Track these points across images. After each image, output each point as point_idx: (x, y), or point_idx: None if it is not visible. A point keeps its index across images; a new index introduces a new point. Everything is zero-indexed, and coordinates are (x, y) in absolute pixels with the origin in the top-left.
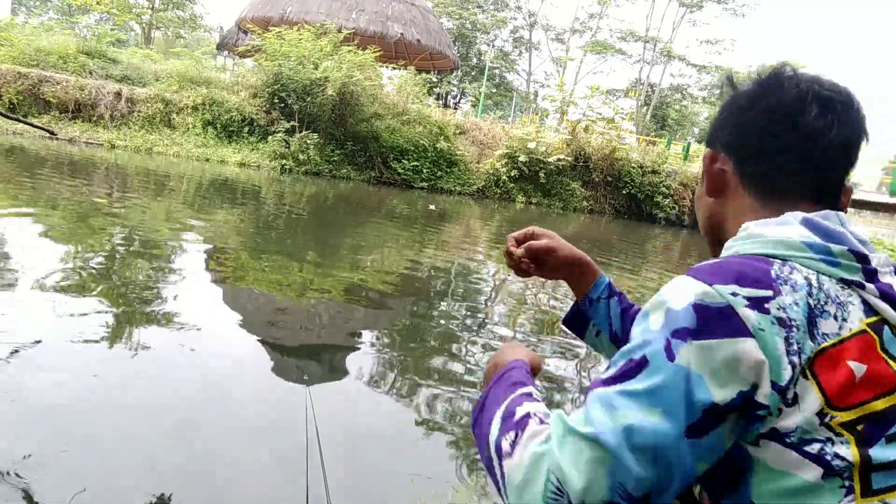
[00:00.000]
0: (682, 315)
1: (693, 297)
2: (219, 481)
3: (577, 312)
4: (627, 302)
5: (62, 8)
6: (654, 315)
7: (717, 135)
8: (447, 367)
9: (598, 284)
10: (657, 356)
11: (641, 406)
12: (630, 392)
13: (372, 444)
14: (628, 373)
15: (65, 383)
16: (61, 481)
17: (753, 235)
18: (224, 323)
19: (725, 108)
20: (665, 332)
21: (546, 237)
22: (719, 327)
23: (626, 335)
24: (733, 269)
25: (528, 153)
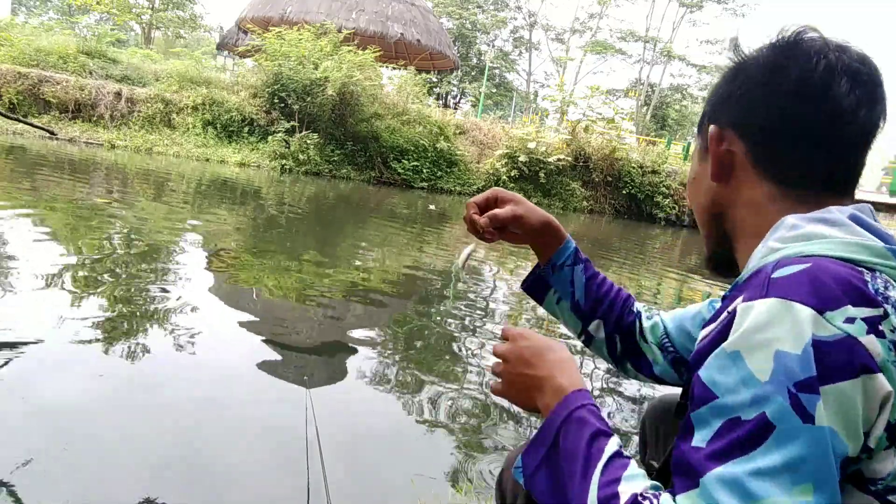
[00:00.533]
0: (805, 360)
1: (809, 334)
2: (219, 481)
3: (538, 277)
4: (593, 270)
5: (62, 8)
6: (755, 359)
7: (723, 110)
8: (448, 366)
9: (563, 249)
10: (786, 418)
11: (785, 486)
12: (766, 471)
13: (372, 444)
14: (748, 442)
15: (65, 383)
16: (61, 480)
17: (817, 235)
18: (224, 323)
19: (733, 78)
20: (785, 384)
21: (511, 202)
22: (845, 366)
23: (589, 304)
24: (835, 280)
25: (528, 153)
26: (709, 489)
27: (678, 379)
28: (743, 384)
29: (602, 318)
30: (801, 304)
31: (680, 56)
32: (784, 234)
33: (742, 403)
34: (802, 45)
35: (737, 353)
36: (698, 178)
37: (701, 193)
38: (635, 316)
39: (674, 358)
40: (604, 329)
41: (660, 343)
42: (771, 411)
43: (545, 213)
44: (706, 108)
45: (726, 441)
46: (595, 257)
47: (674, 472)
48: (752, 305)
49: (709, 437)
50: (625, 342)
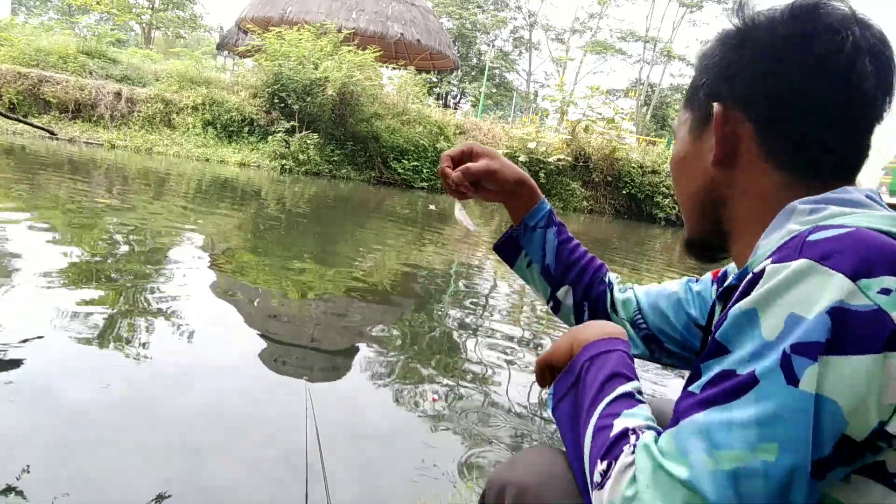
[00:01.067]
0: (814, 325)
1: (831, 300)
2: (218, 481)
3: (510, 238)
4: (567, 235)
5: (62, 8)
6: (768, 318)
7: (727, 83)
8: (448, 366)
9: (537, 210)
10: (772, 376)
11: (749, 441)
12: (736, 423)
13: (372, 443)
14: (731, 394)
15: (64, 382)
16: (59, 480)
17: (845, 212)
18: (224, 322)
19: (739, 46)
20: (783, 344)
21: (486, 156)
22: (865, 339)
23: (559, 269)
24: (878, 248)
25: (528, 153)
26: (683, 431)
27: (649, 356)
28: (750, 340)
29: (571, 284)
30: (833, 269)
31: (680, 56)
32: (803, 218)
33: (741, 359)
34: (825, 16)
35: (753, 310)
36: (688, 159)
37: (691, 176)
38: (606, 286)
39: (645, 335)
40: (572, 296)
41: (632, 319)
42: (760, 368)
43: (521, 170)
44: (703, 79)
45: (714, 391)
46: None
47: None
48: (781, 267)
49: (702, 384)
50: (594, 311)
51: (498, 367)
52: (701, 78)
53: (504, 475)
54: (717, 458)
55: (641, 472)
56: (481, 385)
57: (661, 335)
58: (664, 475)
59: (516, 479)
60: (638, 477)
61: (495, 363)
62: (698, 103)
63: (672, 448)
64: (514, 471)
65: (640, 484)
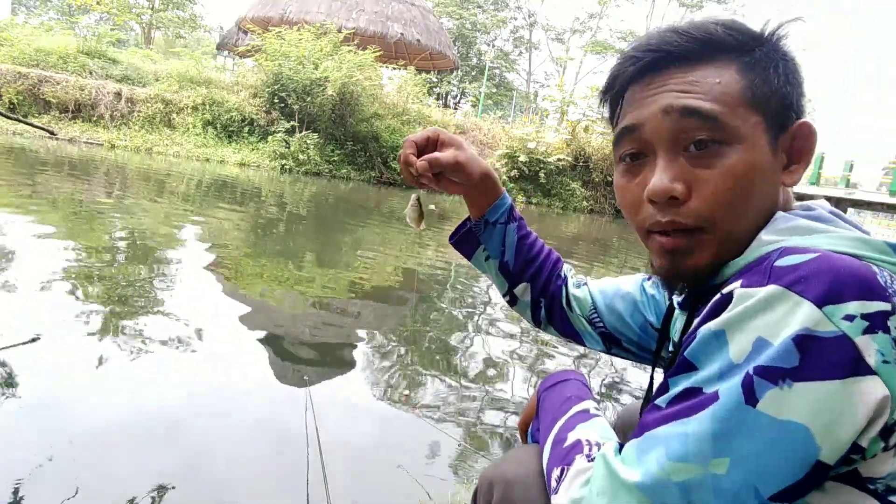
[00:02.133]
0: (779, 351)
1: (797, 327)
2: (218, 481)
3: (469, 232)
4: (526, 229)
5: (62, 8)
6: (736, 341)
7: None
8: (448, 366)
9: (499, 205)
10: (732, 395)
11: (703, 455)
12: (692, 437)
13: (372, 444)
14: (692, 410)
15: (63, 382)
16: (58, 480)
17: (814, 229)
18: (223, 322)
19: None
20: (748, 367)
21: (453, 146)
22: (830, 365)
23: (518, 266)
24: (843, 273)
25: (528, 153)
26: (644, 442)
27: (606, 350)
28: (718, 360)
29: (530, 281)
30: (800, 295)
31: None
32: (774, 227)
33: (708, 378)
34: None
35: (722, 332)
36: (767, 171)
37: (767, 190)
38: (562, 281)
39: (602, 332)
40: (530, 293)
41: (588, 317)
42: (723, 388)
43: (485, 163)
44: (789, 89)
45: (678, 407)
46: (595, 257)
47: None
48: (751, 292)
49: (669, 400)
50: (549, 307)
51: (498, 367)
52: (777, 84)
53: (492, 472)
54: (671, 468)
55: (596, 478)
56: (482, 385)
57: (618, 335)
58: (617, 480)
59: (503, 475)
60: (592, 482)
61: (496, 362)
62: (776, 111)
63: (632, 456)
64: (502, 468)
65: (593, 489)
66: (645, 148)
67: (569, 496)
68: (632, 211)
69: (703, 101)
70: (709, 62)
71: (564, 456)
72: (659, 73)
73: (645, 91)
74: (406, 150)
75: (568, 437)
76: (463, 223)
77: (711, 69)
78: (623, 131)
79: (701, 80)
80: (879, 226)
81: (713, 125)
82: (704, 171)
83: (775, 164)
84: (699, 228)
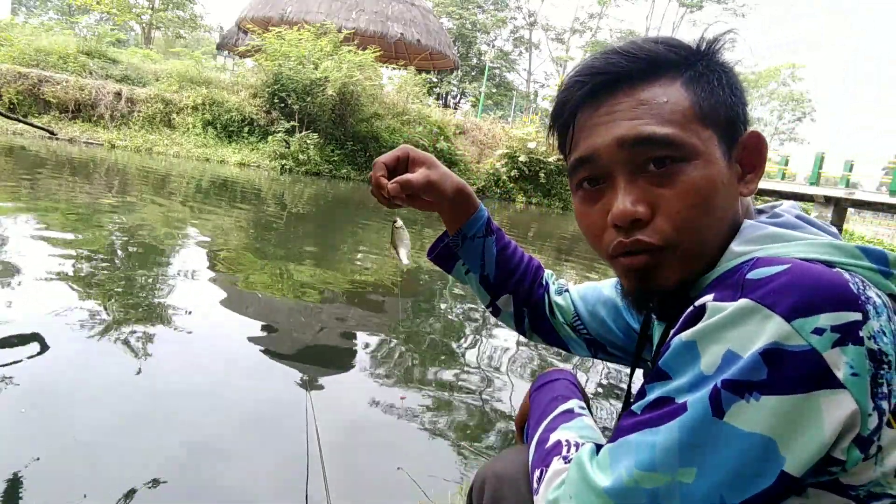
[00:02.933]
0: (746, 365)
1: (764, 341)
2: (218, 482)
3: (446, 248)
4: (505, 240)
5: (62, 8)
6: (708, 354)
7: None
8: (448, 366)
9: (475, 220)
10: (699, 407)
11: (670, 464)
12: (661, 446)
13: (372, 444)
14: (663, 419)
15: (64, 383)
16: (57, 480)
17: (783, 237)
18: (223, 323)
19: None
20: (717, 380)
21: (424, 164)
22: (796, 379)
23: (499, 278)
24: (814, 285)
25: (528, 153)
26: (617, 448)
27: (592, 356)
28: (689, 371)
29: (512, 292)
30: (770, 309)
31: None
32: (744, 237)
33: (679, 388)
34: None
35: (693, 343)
36: (726, 183)
37: (727, 203)
38: (544, 289)
39: (587, 339)
40: (512, 303)
41: (571, 324)
42: (692, 398)
43: (458, 178)
44: (736, 101)
45: (650, 415)
46: (595, 257)
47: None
48: (723, 305)
49: (643, 407)
50: (533, 316)
51: (497, 367)
52: (723, 96)
53: (485, 470)
54: (639, 476)
55: (569, 481)
56: (481, 385)
57: (603, 341)
58: (588, 484)
59: (495, 473)
60: (566, 485)
61: (496, 362)
62: (726, 124)
63: (605, 461)
64: (494, 466)
65: (566, 492)
66: (602, 174)
67: (545, 498)
68: (595, 237)
69: (654, 126)
70: (654, 80)
71: (544, 457)
72: (607, 96)
73: (594, 117)
74: (376, 172)
75: (550, 437)
76: (440, 238)
77: (657, 87)
78: (578, 161)
79: (649, 101)
80: (880, 226)
81: (669, 146)
82: (665, 190)
83: (732, 176)
84: (664, 247)
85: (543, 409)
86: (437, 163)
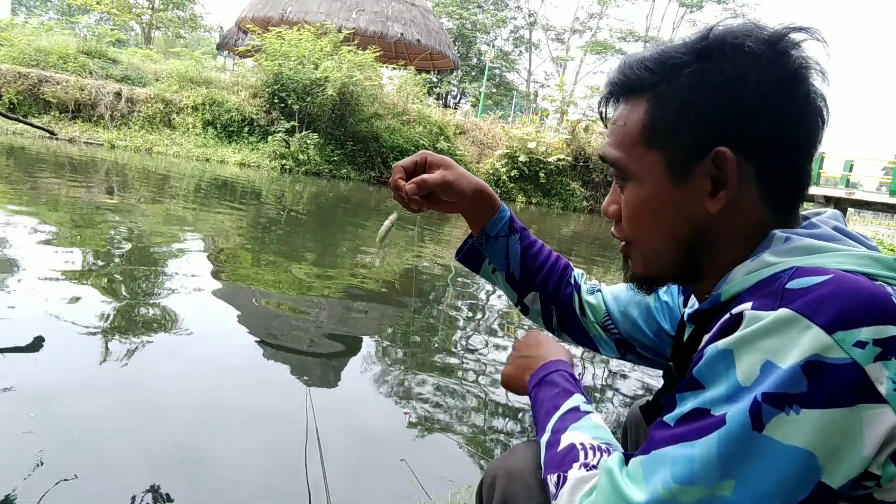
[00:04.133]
0: (787, 377)
1: (806, 353)
2: (218, 482)
3: (472, 248)
4: (530, 238)
5: (62, 8)
6: (744, 362)
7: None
8: (447, 367)
9: (498, 219)
10: (739, 420)
11: (709, 478)
12: (697, 460)
13: (372, 444)
14: (700, 431)
15: (64, 384)
16: (57, 481)
17: (819, 249)
18: (224, 323)
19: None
20: (757, 392)
21: (441, 166)
22: (837, 392)
23: (524, 276)
24: (857, 297)
25: (528, 153)
26: (652, 461)
27: (621, 357)
28: (725, 381)
29: (538, 289)
30: (811, 320)
31: None
32: (780, 248)
33: (716, 399)
34: (798, 59)
35: (730, 352)
36: (667, 203)
37: (672, 221)
38: (573, 288)
39: (617, 339)
40: (539, 301)
41: (602, 323)
42: (732, 411)
43: (477, 179)
44: (687, 119)
45: (686, 427)
46: (595, 257)
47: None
48: (762, 314)
49: (677, 419)
50: (561, 314)
51: (497, 367)
52: (683, 118)
53: (496, 466)
54: (677, 490)
55: (601, 492)
56: (481, 385)
57: (633, 341)
58: (622, 498)
59: (506, 468)
60: (596, 495)
61: (496, 363)
62: (679, 144)
63: (638, 474)
64: (506, 462)
65: (595, 502)
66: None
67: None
68: None
69: (609, 148)
70: (629, 99)
71: (560, 461)
72: (612, 106)
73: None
74: (395, 175)
75: (561, 439)
76: (466, 240)
77: (629, 107)
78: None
79: (616, 121)
80: (880, 226)
81: (616, 167)
82: (622, 199)
83: (683, 194)
84: (627, 242)
85: (548, 407)
86: (455, 164)
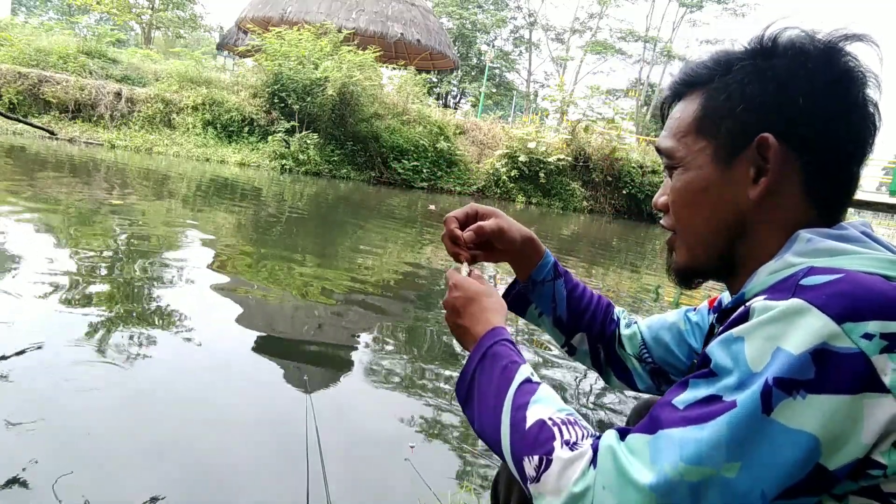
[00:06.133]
0: (797, 363)
1: (815, 341)
2: (218, 484)
3: (519, 294)
4: (574, 281)
5: (62, 8)
6: (755, 349)
7: (777, 121)
8: (447, 367)
9: (543, 265)
10: (749, 404)
11: (717, 460)
12: (706, 441)
13: (372, 444)
14: (710, 416)
15: (64, 384)
16: (58, 482)
17: (840, 251)
18: (224, 324)
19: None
20: (767, 376)
21: (492, 216)
22: (843, 380)
23: (571, 318)
24: (867, 292)
25: (528, 153)
26: (659, 441)
27: (656, 390)
28: (736, 368)
29: (585, 330)
30: (821, 310)
31: (680, 56)
32: (802, 248)
33: (728, 386)
34: (850, 61)
35: (741, 339)
36: (713, 189)
37: (716, 206)
38: (615, 324)
39: (652, 369)
40: (587, 341)
41: (639, 354)
42: (742, 396)
43: (525, 228)
44: (737, 108)
45: (697, 411)
46: (595, 257)
47: (650, 411)
48: (773, 304)
49: (687, 403)
50: (607, 352)
51: None
52: (732, 107)
53: None
54: (684, 470)
55: (602, 472)
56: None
57: (666, 367)
58: (627, 477)
59: None
60: (598, 476)
61: None
62: (726, 131)
63: (644, 455)
64: None
65: (598, 483)
66: None
67: (567, 491)
68: None
69: (663, 139)
70: (687, 96)
71: (534, 441)
72: (671, 106)
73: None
74: (450, 225)
75: (527, 416)
76: (512, 285)
77: (685, 102)
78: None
79: (673, 116)
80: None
81: (666, 155)
82: (670, 190)
83: (727, 180)
84: (674, 231)
85: (498, 382)
86: (503, 213)
